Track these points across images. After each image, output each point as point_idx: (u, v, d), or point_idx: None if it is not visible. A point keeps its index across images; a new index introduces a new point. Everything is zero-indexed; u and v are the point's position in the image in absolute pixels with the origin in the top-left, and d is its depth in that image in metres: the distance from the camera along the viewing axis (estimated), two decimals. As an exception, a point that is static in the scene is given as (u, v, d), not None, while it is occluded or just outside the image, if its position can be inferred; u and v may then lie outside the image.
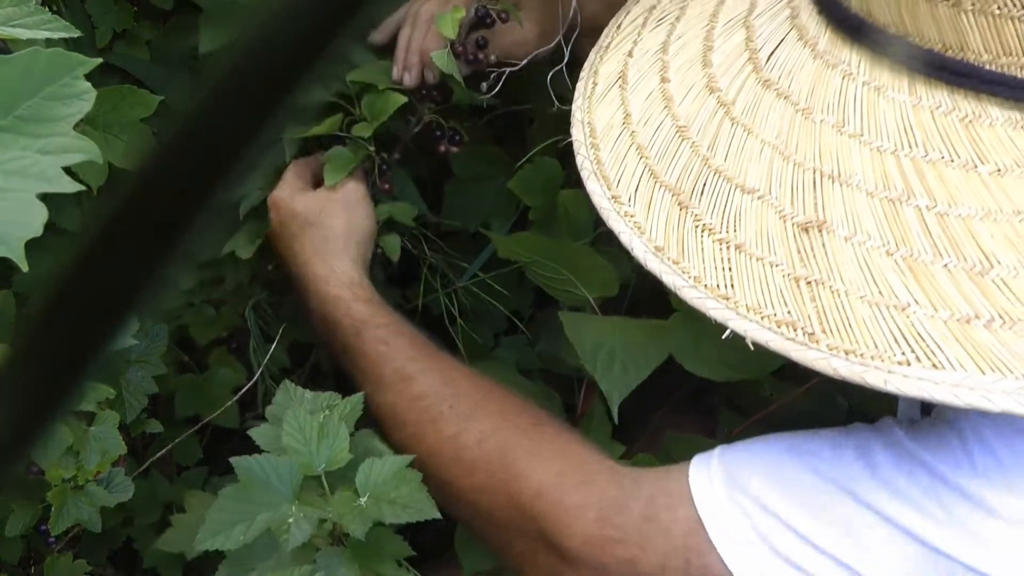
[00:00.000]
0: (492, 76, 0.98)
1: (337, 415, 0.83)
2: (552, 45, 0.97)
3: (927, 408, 0.75)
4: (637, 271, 1.07)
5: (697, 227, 0.63)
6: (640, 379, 0.87)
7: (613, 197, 0.67)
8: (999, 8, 0.55)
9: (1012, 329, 0.55)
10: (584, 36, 1.01)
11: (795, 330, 0.58)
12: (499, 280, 1.16)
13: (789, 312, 0.58)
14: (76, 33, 0.74)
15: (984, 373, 0.54)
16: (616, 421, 0.90)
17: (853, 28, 0.61)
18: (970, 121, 0.58)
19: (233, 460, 0.79)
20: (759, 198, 0.61)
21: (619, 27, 0.81)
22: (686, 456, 0.99)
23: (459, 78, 0.94)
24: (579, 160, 0.71)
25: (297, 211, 0.96)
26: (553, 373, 1.11)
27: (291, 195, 0.97)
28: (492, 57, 0.97)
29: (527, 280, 1.16)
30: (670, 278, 0.62)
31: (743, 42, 0.68)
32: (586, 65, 0.79)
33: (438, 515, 0.77)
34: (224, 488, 0.78)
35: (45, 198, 0.67)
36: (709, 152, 0.65)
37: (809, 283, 0.58)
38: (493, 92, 0.98)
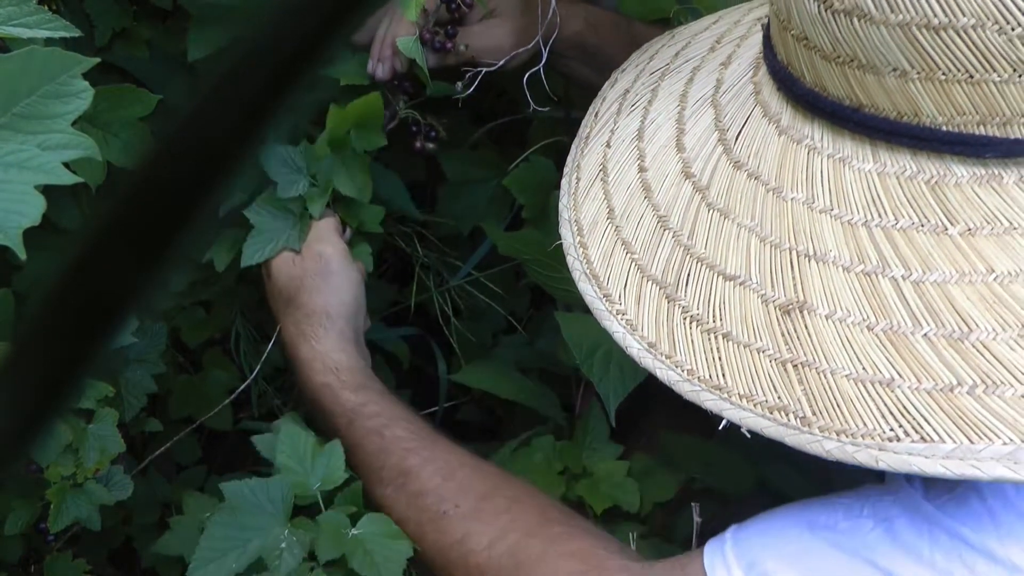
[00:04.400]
0: (467, 76, 0.98)
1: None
2: (531, 46, 0.97)
3: None
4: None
5: (685, 319, 0.63)
6: (637, 381, 0.88)
7: (604, 296, 0.68)
8: (944, 74, 0.56)
9: (996, 393, 0.55)
10: (568, 56, 1.01)
11: (787, 415, 0.58)
12: (496, 279, 1.17)
13: (779, 397, 0.59)
14: (76, 32, 0.74)
15: (972, 442, 0.54)
16: (613, 423, 0.90)
17: (810, 103, 0.62)
18: (936, 183, 0.58)
19: (223, 486, 0.78)
20: (740, 284, 0.62)
21: (596, 115, 0.81)
22: (684, 457, 1.00)
23: (423, 64, 0.93)
24: (570, 261, 0.72)
25: (278, 286, 0.92)
26: (551, 372, 1.11)
27: (278, 262, 0.92)
28: (461, 46, 0.97)
29: (524, 279, 1.16)
30: (664, 373, 0.63)
31: (712, 123, 0.69)
32: (568, 159, 0.79)
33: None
34: (214, 515, 0.77)
35: (44, 194, 0.67)
36: (690, 241, 0.65)
37: (796, 366, 0.59)
38: (468, 92, 0.98)
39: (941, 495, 0.63)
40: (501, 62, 0.98)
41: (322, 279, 0.91)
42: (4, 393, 0.23)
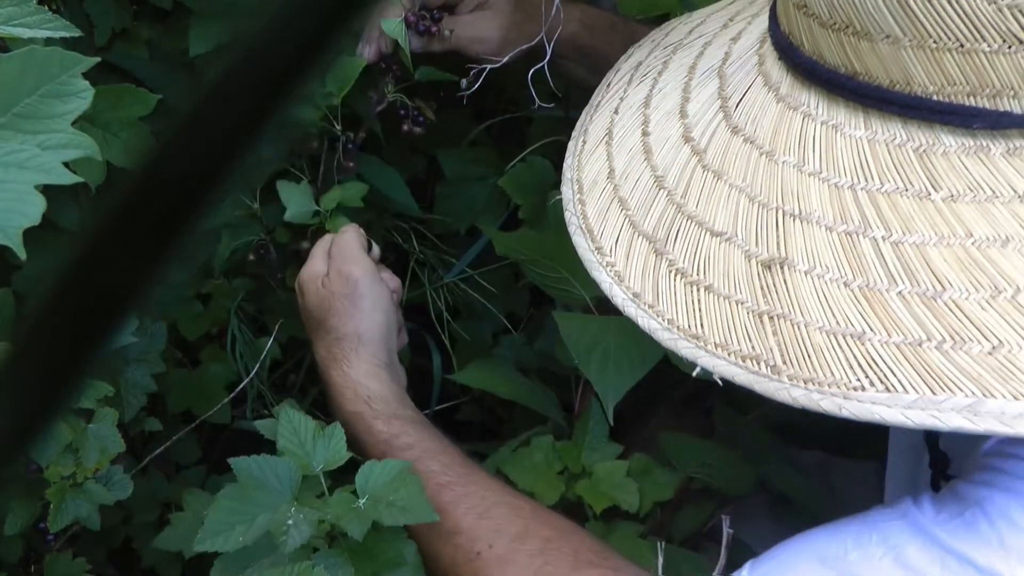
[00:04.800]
0: (472, 73, 0.98)
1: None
2: (525, 44, 0.98)
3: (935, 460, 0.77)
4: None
5: (670, 272, 0.65)
6: (635, 379, 0.88)
7: (596, 249, 0.70)
8: (935, 42, 0.57)
9: (963, 349, 0.56)
10: (564, 56, 1.01)
11: (759, 364, 0.60)
12: (496, 278, 1.17)
13: (753, 347, 0.60)
14: (76, 32, 0.74)
15: (935, 393, 0.55)
16: (611, 422, 0.90)
17: (808, 71, 0.63)
18: (924, 151, 0.60)
19: (232, 461, 0.79)
20: (727, 240, 0.64)
21: (608, 85, 0.82)
22: (683, 456, 1.00)
23: (404, 45, 0.93)
24: (567, 216, 0.74)
25: (308, 308, 0.92)
26: (551, 372, 1.11)
27: (307, 283, 0.92)
28: (446, 31, 0.98)
29: (523, 278, 1.16)
30: (645, 322, 0.65)
31: (716, 91, 0.71)
32: (577, 125, 0.81)
33: (436, 519, 0.77)
34: (223, 489, 0.78)
35: (44, 194, 0.67)
36: (683, 199, 0.67)
37: (771, 318, 0.60)
38: (473, 89, 0.99)
39: (952, 519, 0.63)
40: (505, 58, 0.98)
41: (351, 302, 0.90)
42: (4, 393, 0.23)
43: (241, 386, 1.05)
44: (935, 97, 0.58)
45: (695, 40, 0.79)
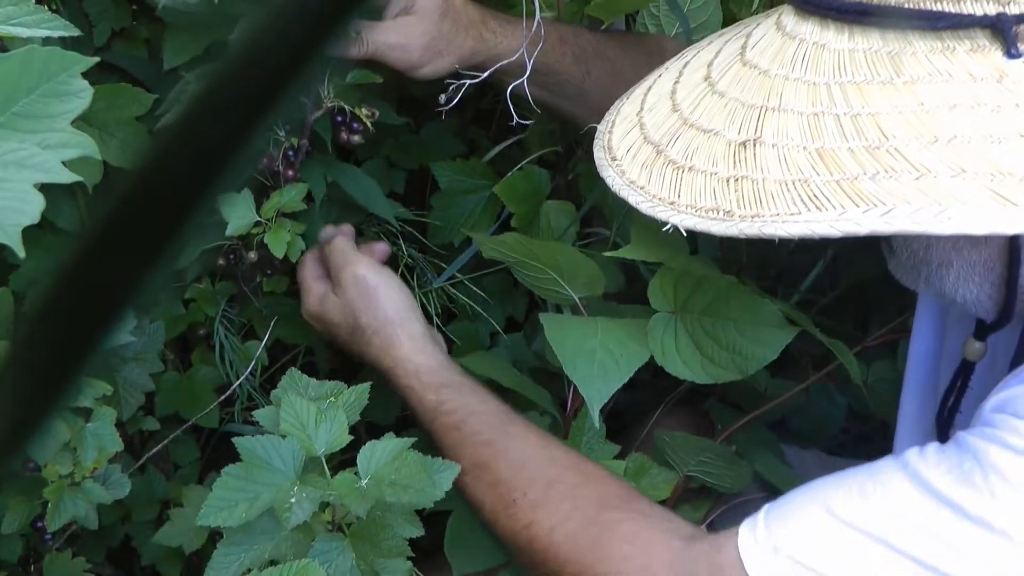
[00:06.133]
0: (451, 88, 0.97)
1: (340, 402, 0.85)
2: (459, 59, 0.98)
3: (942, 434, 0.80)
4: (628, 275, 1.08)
5: (665, 164, 0.75)
6: (621, 382, 0.88)
7: (611, 157, 0.80)
8: None
9: (893, 178, 0.63)
10: (512, 75, 1.00)
11: (718, 212, 0.68)
12: (494, 283, 1.17)
13: (716, 202, 0.69)
14: (75, 32, 0.74)
15: (858, 207, 0.63)
16: (597, 425, 0.91)
17: (805, 2, 0.72)
18: (896, 54, 0.68)
19: (236, 440, 0.80)
20: (715, 135, 0.73)
21: (664, 65, 0.89)
22: (680, 455, 1.00)
23: None
24: (595, 142, 0.84)
25: (334, 321, 0.98)
26: (546, 371, 1.12)
27: (320, 305, 0.98)
28: (353, 32, 0.95)
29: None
30: (633, 198, 0.75)
31: (740, 46, 0.78)
32: (628, 91, 0.88)
33: (440, 495, 0.82)
34: (227, 467, 0.79)
35: (42, 193, 0.67)
36: (690, 115, 0.77)
37: (736, 180, 0.69)
38: (451, 104, 0.98)
39: (951, 469, 0.68)
40: (485, 74, 0.97)
41: (370, 295, 0.96)
42: (3, 391, 0.23)
43: (233, 387, 1.05)
44: (907, 5, 0.67)
45: (737, 27, 0.87)
